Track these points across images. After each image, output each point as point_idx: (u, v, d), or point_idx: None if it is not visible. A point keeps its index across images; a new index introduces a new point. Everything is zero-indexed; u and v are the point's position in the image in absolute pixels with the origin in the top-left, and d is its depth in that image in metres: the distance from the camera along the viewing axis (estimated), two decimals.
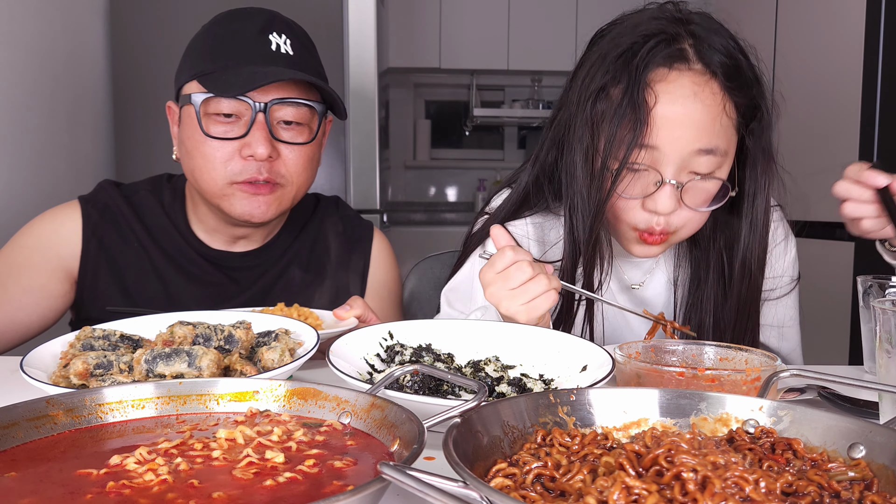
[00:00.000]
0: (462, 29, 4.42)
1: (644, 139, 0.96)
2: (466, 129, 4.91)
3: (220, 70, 1.08)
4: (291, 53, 1.11)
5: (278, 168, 1.12)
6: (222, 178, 1.11)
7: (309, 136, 1.14)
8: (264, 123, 1.09)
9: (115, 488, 0.47)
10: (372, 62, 2.54)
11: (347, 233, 1.32)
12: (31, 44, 1.90)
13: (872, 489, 0.47)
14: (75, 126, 2.18)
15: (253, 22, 1.11)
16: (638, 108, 0.96)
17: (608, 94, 1.00)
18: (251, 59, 1.09)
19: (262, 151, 1.08)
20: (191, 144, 1.11)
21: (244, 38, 1.10)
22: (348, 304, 1.05)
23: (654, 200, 0.99)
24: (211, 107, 1.09)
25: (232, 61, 1.08)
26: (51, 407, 0.58)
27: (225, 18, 1.13)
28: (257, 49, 1.09)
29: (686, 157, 0.98)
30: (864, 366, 1.04)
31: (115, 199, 1.21)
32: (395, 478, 0.41)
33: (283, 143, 1.11)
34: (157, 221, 1.22)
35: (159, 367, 0.74)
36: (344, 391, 0.61)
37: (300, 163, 1.14)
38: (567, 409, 0.56)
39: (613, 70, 1.00)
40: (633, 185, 1.00)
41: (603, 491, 0.43)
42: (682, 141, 0.97)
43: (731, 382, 0.72)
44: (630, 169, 0.99)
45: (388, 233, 3.47)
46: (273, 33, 1.10)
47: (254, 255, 1.24)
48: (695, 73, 0.98)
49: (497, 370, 0.85)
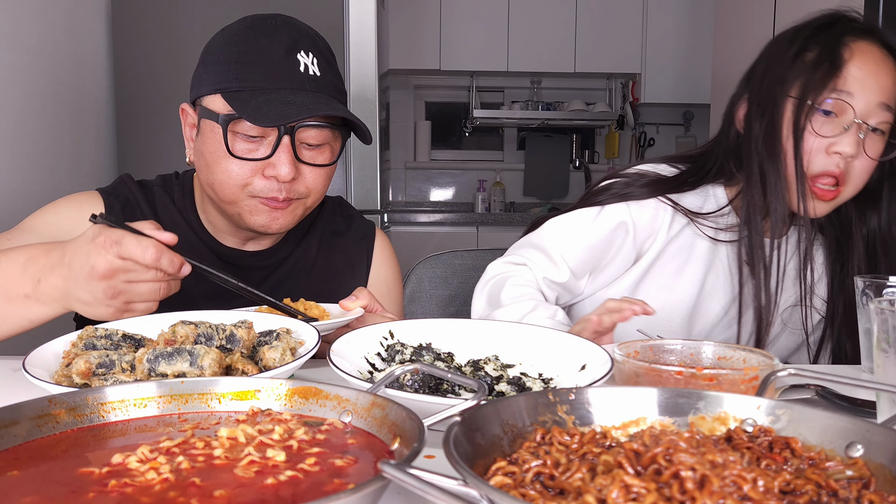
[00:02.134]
0: (462, 31, 4.42)
1: (838, 83, 1.12)
2: (466, 130, 4.92)
3: (247, 91, 1.08)
4: (319, 74, 1.11)
5: (298, 187, 1.13)
6: (243, 193, 1.12)
7: (331, 157, 1.15)
8: (290, 146, 1.09)
9: (116, 487, 0.47)
10: (372, 64, 2.54)
11: (351, 232, 1.34)
12: (32, 45, 1.91)
13: (870, 488, 0.47)
14: (77, 127, 2.18)
15: (280, 40, 1.10)
16: (835, 59, 1.12)
17: (804, 57, 1.15)
18: (279, 82, 1.08)
19: (287, 173, 1.09)
20: (212, 159, 1.11)
21: (272, 58, 1.09)
22: (354, 295, 1.06)
23: (841, 141, 1.12)
24: (237, 126, 1.09)
25: (260, 83, 1.08)
26: (53, 406, 0.58)
27: (250, 32, 1.12)
28: (285, 71, 1.09)
29: (871, 107, 1.12)
30: (861, 365, 1.04)
31: (135, 193, 1.22)
32: (396, 476, 0.41)
33: (305, 164, 1.12)
34: (171, 218, 1.22)
35: (161, 366, 0.74)
36: (345, 390, 0.61)
37: (320, 181, 1.15)
38: (566, 407, 0.56)
39: (809, 36, 1.16)
40: (823, 127, 1.13)
41: (602, 489, 0.43)
42: (870, 91, 1.12)
43: (729, 381, 0.72)
44: (822, 111, 1.12)
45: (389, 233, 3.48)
46: (301, 52, 1.10)
47: (264, 256, 1.26)
48: (881, 48, 1.15)
49: (497, 369, 0.85)
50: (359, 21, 2.51)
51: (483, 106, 4.76)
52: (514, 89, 4.88)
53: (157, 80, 2.45)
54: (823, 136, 1.13)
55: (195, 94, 1.14)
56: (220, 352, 0.77)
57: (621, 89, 4.84)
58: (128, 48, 2.48)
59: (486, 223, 4.29)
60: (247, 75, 1.08)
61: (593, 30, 4.47)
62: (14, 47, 1.82)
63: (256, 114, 1.05)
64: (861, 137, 1.12)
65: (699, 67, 4.41)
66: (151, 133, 2.46)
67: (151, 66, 2.47)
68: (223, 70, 1.10)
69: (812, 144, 1.13)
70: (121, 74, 2.48)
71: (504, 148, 4.97)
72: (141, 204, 1.21)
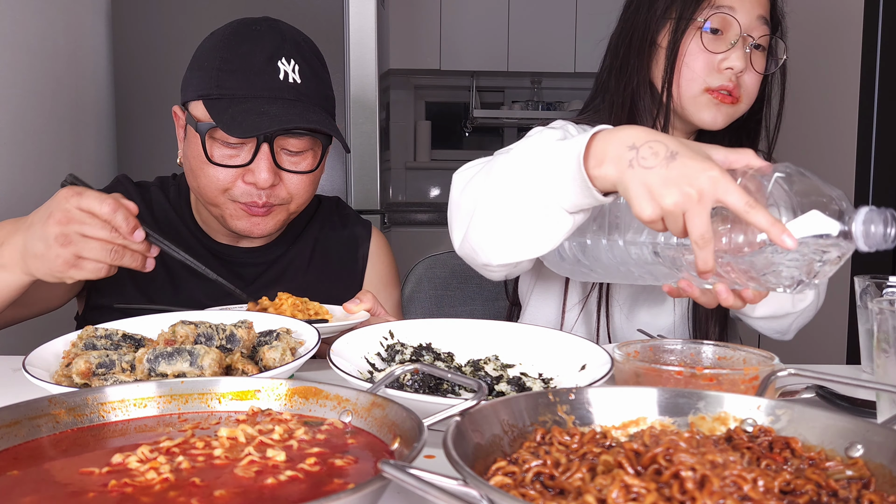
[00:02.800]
0: (462, 31, 4.42)
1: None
2: (466, 130, 4.91)
3: (226, 99, 1.09)
4: (299, 81, 1.11)
5: (279, 192, 1.13)
6: (224, 197, 1.13)
7: (313, 163, 1.15)
8: (269, 153, 1.09)
9: (116, 487, 0.47)
10: (372, 64, 2.54)
11: (347, 232, 1.34)
12: (32, 45, 1.91)
13: (870, 488, 0.47)
14: (77, 127, 2.18)
15: (262, 46, 1.10)
16: None
17: None
18: (257, 91, 1.09)
19: (265, 179, 1.09)
20: (195, 164, 1.13)
21: (252, 66, 1.09)
22: (358, 298, 1.06)
23: (730, 56, 1.12)
24: (217, 134, 1.09)
25: (239, 91, 1.09)
26: (53, 406, 0.58)
27: (234, 38, 1.12)
28: (264, 80, 1.09)
29: (752, 21, 1.12)
30: (861, 365, 1.04)
31: (132, 193, 1.23)
32: (396, 476, 0.42)
33: (285, 170, 1.13)
34: (166, 216, 1.24)
35: (161, 366, 0.74)
36: (345, 390, 0.61)
37: (301, 186, 1.15)
38: (566, 407, 0.56)
39: None
40: (711, 44, 1.13)
41: (602, 489, 0.43)
42: (749, 3, 1.12)
43: (729, 381, 0.72)
44: (710, 29, 1.12)
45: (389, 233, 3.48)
46: (282, 59, 1.10)
47: (258, 253, 1.26)
48: None
49: (497, 369, 0.85)
50: (359, 21, 2.51)
51: (483, 106, 4.76)
52: (514, 89, 4.87)
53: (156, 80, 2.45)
54: (713, 52, 1.12)
55: (183, 98, 1.16)
56: (220, 352, 0.77)
57: None
58: (128, 48, 2.48)
59: None
60: (227, 83, 1.09)
61: (593, 30, 4.47)
62: (14, 47, 1.82)
63: (231, 124, 1.06)
64: (747, 52, 1.13)
65: None
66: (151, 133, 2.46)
67: (151, 66, 2.46)
68: (206, 76, 1.11)
69: (705, 61, 1.13)
70: (121, 74, 2.48)
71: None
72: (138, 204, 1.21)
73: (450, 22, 4.41)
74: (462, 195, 0.96)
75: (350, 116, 2.55)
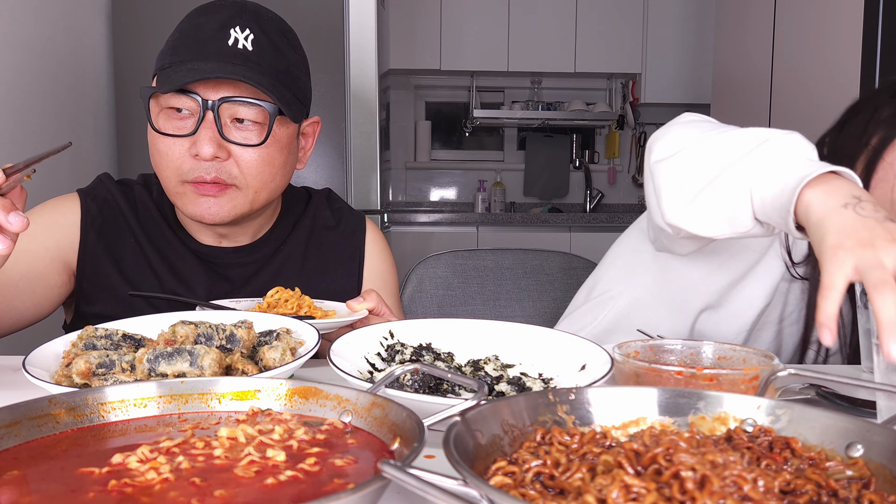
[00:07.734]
0: (462, 31, 4.42)
1: None
2: (466, 130, 4.92)
3: (175, 66, 1.06)
4: (250, 49, 1.06)
5: (229, 168, 1.08)
6: (175, 176, 1.08)
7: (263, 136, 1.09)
8: (213, 122, 1.05)
9: (116, 487, 0.47)
10: (372, 64, 2.54)
11: (341, 226, 1.30)
12: (32, 45, 1.91)
13: (870, 488, 0.47)
14: (77, 127, 2.18)
15: (218, 16, 1.07)
16: None
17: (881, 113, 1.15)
18: (204, 55, 1.05)
19: (208, 151, 1.05)
20: (150, 140, 1.10)
21: (203, 32, 1.06)
22: (362, 297, 1.05)
23: None
24: (161, 102, 1.06)
25: (186, 56, 1.05)
26: (53, 406, 0.58)
27: (196, 12, 1.10)
28: (212, 44, 1.05)
29: None
30: (861, 365, 1.04)
31: (114, 193, 1.20)
32: (396, 476, 0.42)
33: (232, 143, 1.08)
34: (150, 216, 1.20)
35: (161, 366, 0.74)
36: (345, 390, 0.61)
37: (253, 164, 1.09)
38: (566, 407, 0.56)
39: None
40: None
41: (602, 489, 0.43)
42: None
43: (729, 381, 0.72)
44: None
45: (389, 233, 3.48)
46: (236, 27, 1.06)
47: (244, 252, 1.22)
48: None
49: (497, 369, 0.85)
50: (359, 21, 2.51)
51: (483, 106, 4.76)
52: (514, 89, 4.88)
53: None
54: None
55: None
56: (220, 352, 0.77)
57: (621, 89, 4.84)
58: (128, 48, 2.48)
59: (486, 223, 4.29)
60: (178, 51, 1.07)
61: (593, 30, 4.47)
62: (13, 47, 1.82)
63: (164, 81, 1.03)
64: None
65: (700, 67, 4.41)
66: None
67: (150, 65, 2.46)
68: (163, 51, 1.10)
69: None
70: (120, 74, 2.48)
71: (504, 148, 4.97)
72: (120, 203, 1.19)
73: (450, 22, 4.41)
74: (683, 165, 0.92)
75: (350, 116, 2.56)
